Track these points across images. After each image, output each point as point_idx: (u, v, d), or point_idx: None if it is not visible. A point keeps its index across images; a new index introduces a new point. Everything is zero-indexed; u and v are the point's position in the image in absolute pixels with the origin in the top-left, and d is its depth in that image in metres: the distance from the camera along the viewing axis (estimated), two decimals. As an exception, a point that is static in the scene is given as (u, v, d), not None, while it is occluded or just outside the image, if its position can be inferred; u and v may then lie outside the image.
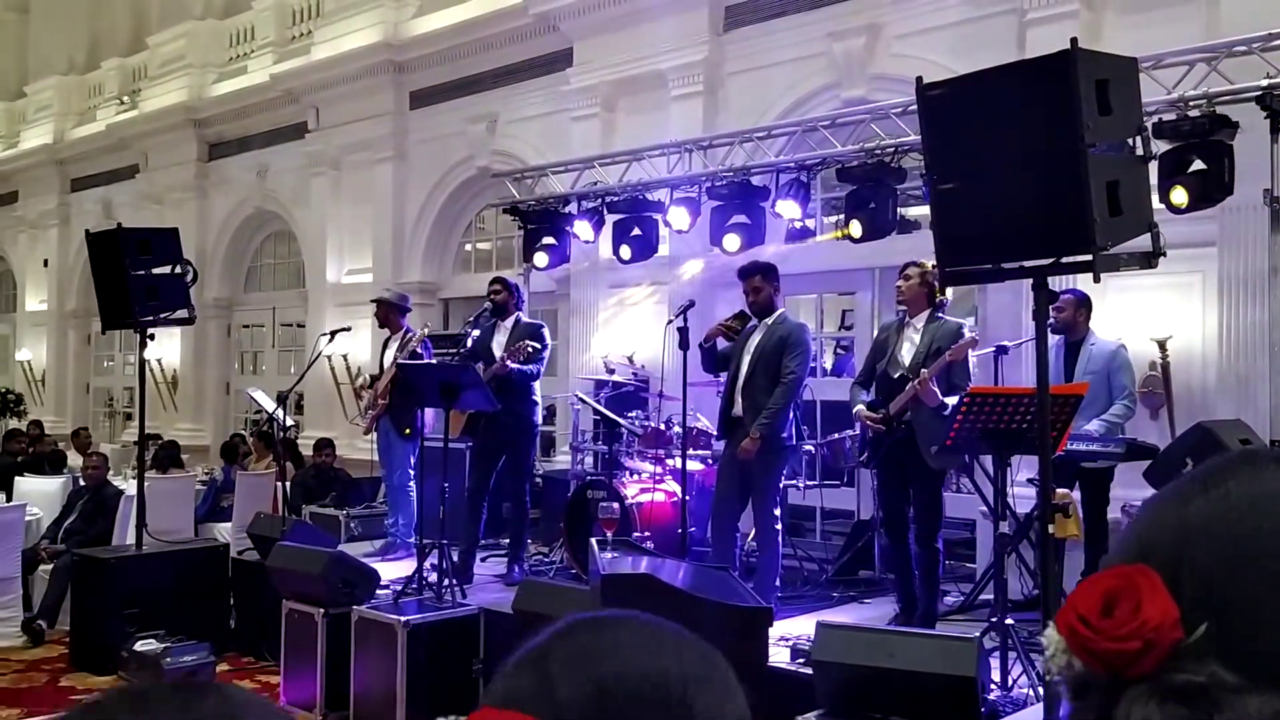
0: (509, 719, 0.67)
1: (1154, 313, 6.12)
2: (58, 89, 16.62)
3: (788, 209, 7.05)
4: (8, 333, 18.20)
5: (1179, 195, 5.29)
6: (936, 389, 5.01)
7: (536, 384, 6.71)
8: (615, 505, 5.60)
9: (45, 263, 16.61)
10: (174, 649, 6.08)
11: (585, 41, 9.20)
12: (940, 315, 5.31)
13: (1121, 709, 0.60)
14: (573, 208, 8.22)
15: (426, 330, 7.81)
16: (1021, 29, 6.77)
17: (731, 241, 7.19)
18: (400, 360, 7.01)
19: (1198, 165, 5.29)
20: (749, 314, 5.82)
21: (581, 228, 8.06)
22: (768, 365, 5.55)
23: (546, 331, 6.84)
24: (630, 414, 7.17)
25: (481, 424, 6.54)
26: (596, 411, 7.38)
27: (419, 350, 7.23)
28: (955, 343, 5.09)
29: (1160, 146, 5.16)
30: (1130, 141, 3.71)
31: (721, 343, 5.87)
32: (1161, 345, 6.07)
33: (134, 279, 6.49)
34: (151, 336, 6.79)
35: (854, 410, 5.43)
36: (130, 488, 7.66)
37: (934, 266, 4.60)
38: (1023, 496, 5.45)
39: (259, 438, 9.94)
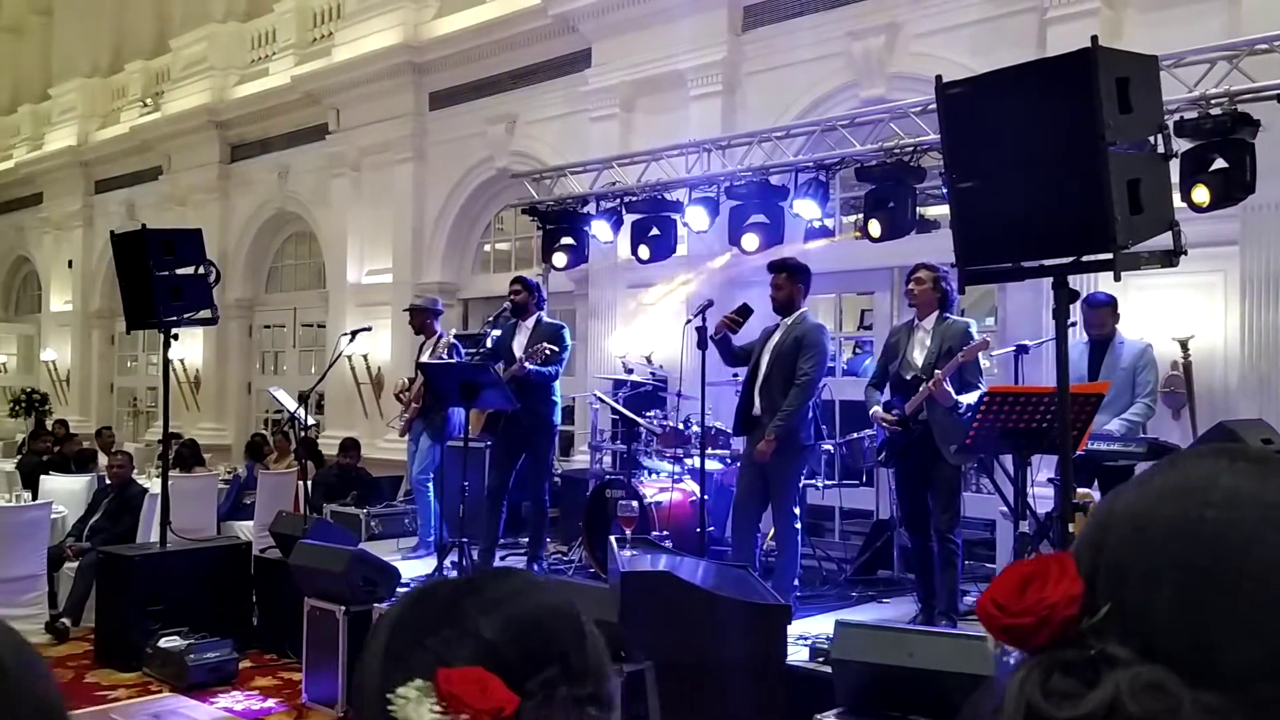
0: (473, 674, 0.74)
1: (1175, 312, 6.09)
2: (82, 91, 16.76)
3: (806, 208, 7.05)
4: (33, 333, 18.37)
5: (1200, 194, 5.26)
6: (950, 389, 5.07)
7: (557, 384, 6.73)
8: (634, 504, 5.60)
9: (70, 264, 16.75)
10: (197, 645, 6.15)
11: (604, 42, 9.22)
12: (948, 316, 5.34)
13: (1009, 677, 0.63)
14: (591, 208, 8.23)
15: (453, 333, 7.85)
16: (1042, 27, 6.75)
17: (750, 241, 7.19)
18: (422, 361, 7.05)
19: (1219, 164, 5.26)
20: (751, 307, 5.85)
21: (600, 228, 8.07)
22: (784, 365, 5.58)
23: (567, 332, 6.86)
24: (649, 413, 7.18)
25: (501, 423, 6.58)
26: (615, 411, 7.40)
27: (449, 354, 7.26)
28: (965, 342, 5.17)
29: (1181, 145, 5.14)
30: (1151, 140, 3.70)
31: (733, 338, 5.88)
32: (1183, 345, 6.04)
33: (158, 280, 6.55)
34: (175, 337, 6.84)
35: (870, 412, 5.49)
36: (154, 486, 7.73)
37: (952, 266, 4.61)
38: (1043, 496, 5.44)
39: (285, 436, 10.02)
